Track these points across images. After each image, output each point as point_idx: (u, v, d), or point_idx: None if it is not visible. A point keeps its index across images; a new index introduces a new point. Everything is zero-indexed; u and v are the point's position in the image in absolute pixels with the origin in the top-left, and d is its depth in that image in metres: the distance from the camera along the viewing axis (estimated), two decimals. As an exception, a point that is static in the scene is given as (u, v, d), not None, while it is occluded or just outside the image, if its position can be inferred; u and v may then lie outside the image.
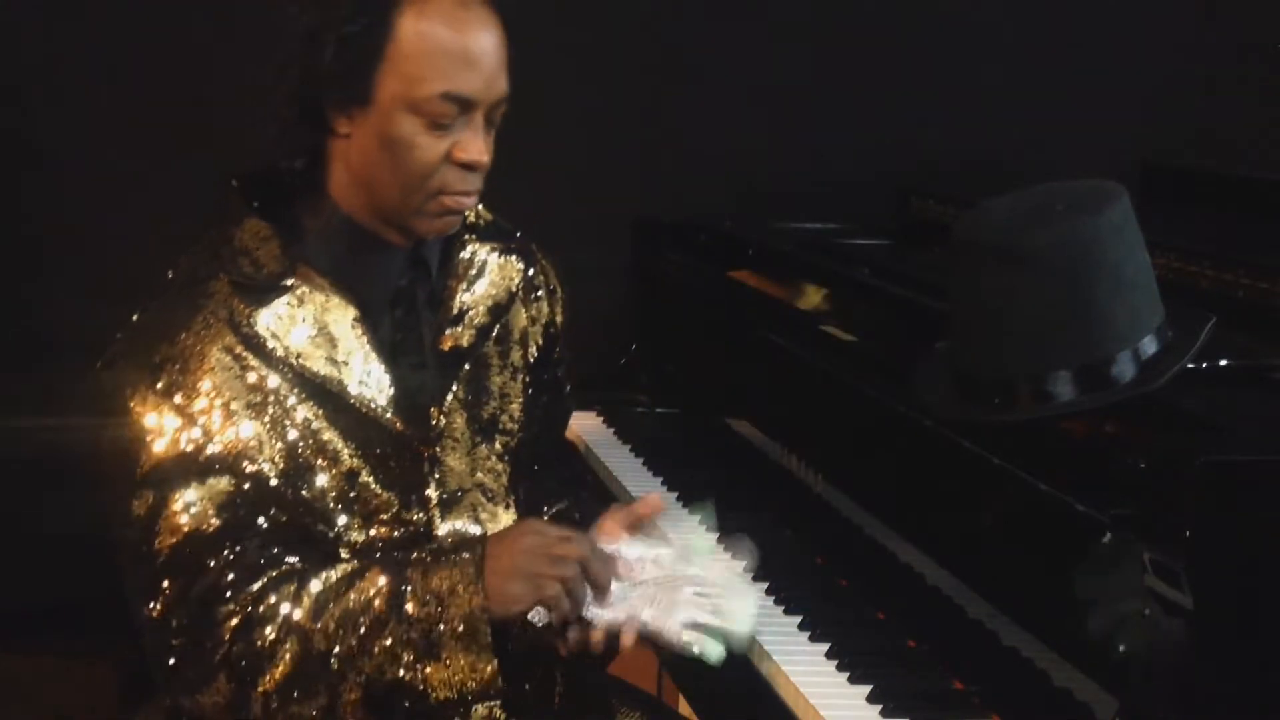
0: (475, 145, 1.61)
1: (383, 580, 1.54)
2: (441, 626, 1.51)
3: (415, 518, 1.68)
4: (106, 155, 2.99)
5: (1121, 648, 1.41)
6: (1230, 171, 2.78)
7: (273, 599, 1.54)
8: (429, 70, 1.57)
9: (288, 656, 1.52)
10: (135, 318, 1.66)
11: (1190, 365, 1.53)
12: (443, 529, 1.70)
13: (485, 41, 1.60)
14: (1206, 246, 2.12)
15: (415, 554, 1.61)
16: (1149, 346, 1.53)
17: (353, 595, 1.54)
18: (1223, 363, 1.62)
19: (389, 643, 1.52)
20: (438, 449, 1.71)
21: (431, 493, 1.70)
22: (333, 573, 1.57)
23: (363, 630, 1.52)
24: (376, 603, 1.53)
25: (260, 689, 1.53)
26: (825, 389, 2.12)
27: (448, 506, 1.71)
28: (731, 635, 1.58)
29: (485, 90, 1.60)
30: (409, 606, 1.52)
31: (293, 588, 1.55)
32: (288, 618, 1.53)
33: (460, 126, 1.61)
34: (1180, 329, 1.56)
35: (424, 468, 1.69)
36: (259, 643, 1.53)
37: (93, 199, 3.00)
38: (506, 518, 1.78)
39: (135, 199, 2.95)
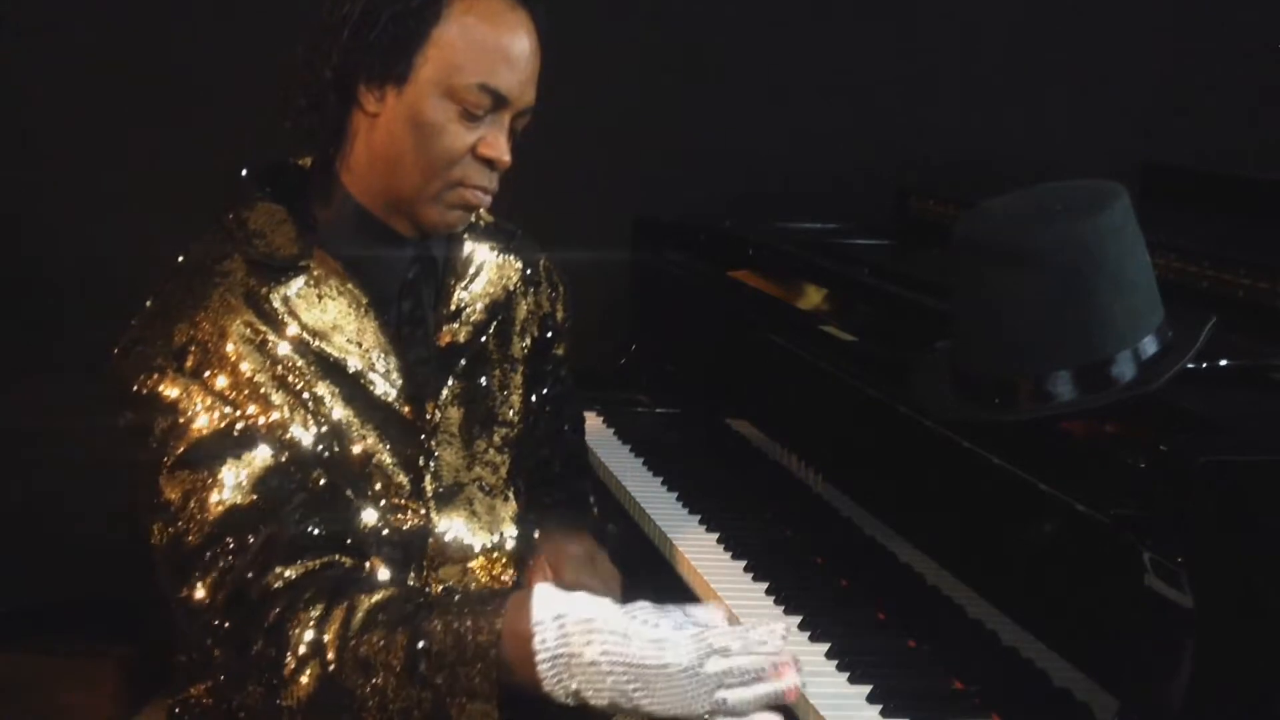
0: (500, 143, 1.65)
1: (401, 635, 1.52)
2: (450, 699, 1.50)
3: (416, 507, 1.69)
4: (108, 152, 3.00)
5: (1121, 648, 1.41)
6: (1230, 171, 2.78)
7: (307, 612, 1.53)
8: (469, 60, 1.62)
9: (311, 677, 1.52)
10: (149, 303, 1.66)
11: (1190, 365, 1.53)
12: (440, 524, 1.71)
13: (526, 46, 1.65)
14: (1206, 246, 2.12)
15: (438, 593, 1.60)
16: (1149, 346, 1.53)
17: (377, 636, 1.51)
18: (1223, 363, 1.62)
19: (403, 701, 1.51)
20: (433, 443, 1.72)
21: (427, 486, 1.70)
22: (363, 598, 1.55)
23: (378, 682, 1.51)
24: (397, 665, 1.51)
25: (285, 704, 1.52)
26: (825, 389, 2.12)
27: (443, 500, 1.72)
28: None
29: (519, 92, 1.65)
30: (423, 668, 1.50)
31: (323, 607, 1.53)
32: (314, 642, 1.52)
33: (489, 123, 1.65)
34: (1180, 329, 1.56)
35: (420, 461, 1.70)
36: (286, 663, 1.51)
37: (95, 196, 3.01)
38: (505, 511, 1.78)
39: (139, 194, 2.95)
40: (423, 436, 1.71)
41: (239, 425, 1.58)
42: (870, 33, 3.29)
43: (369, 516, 1.65)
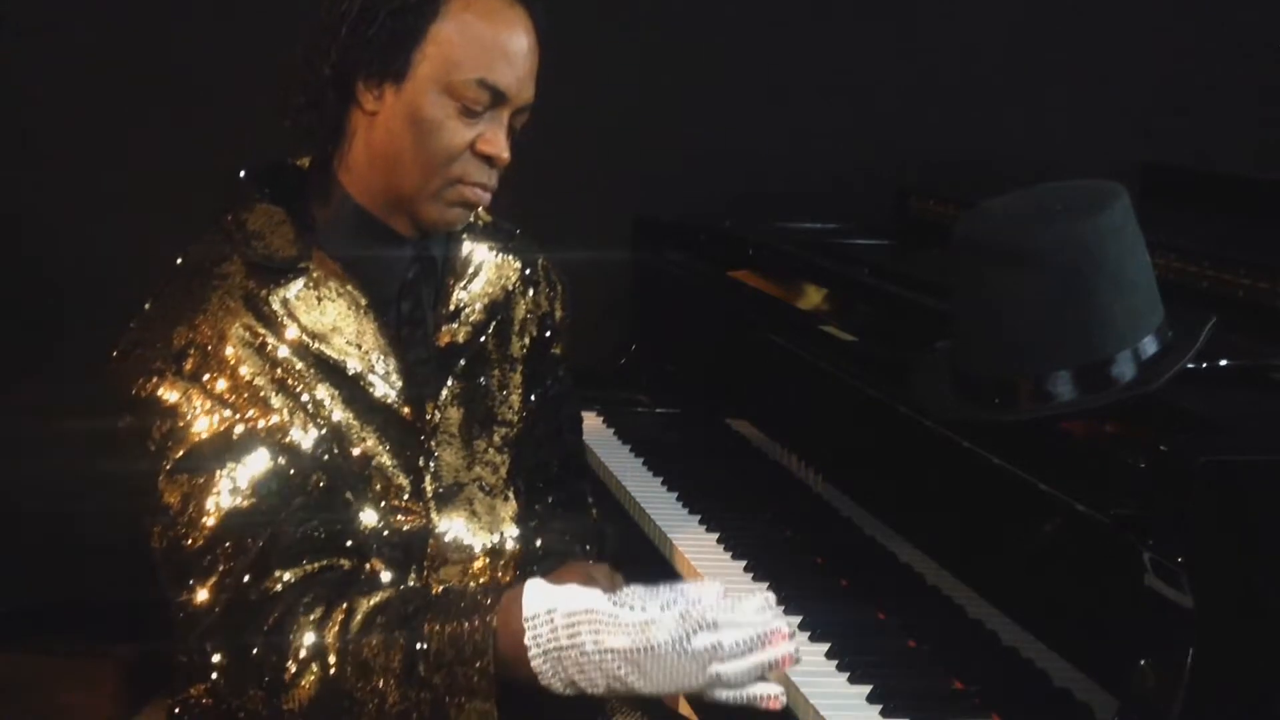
0: (499, 140, 1.66)
1: (399, 637, 1.52)
2: (448, 699, 1.50)
3: (417, 509, 1.69)
4: (108, 152, 3.00)
5: (1121, 648, 1.41)
6: (1230, 171, 2.78)
7: (307, 615, 1.53)
8: (467, 56, 1.62)
9: (313, 680, 1.52)
10: (148, 305, 1.66)
11: (1190, 365, 1.53)
12: (440, 525, 1.71)
13: (524, 43, 1.66)
14: (1206, 246, 2.12)
15: (435, 593, 1.60)
16: (1149, 346, 1.53)
17: (375, 639, 1.52)
18: (1223, 363, 1.62)
19: (402, 703, 1.51)
20: (432, 443, 1.72)
21: (427, 487, 1.70)
22: (362, 600, 1.55)
23: (378, 684, 1.51)
24: (395, 667, 1.51)
25: (287, 708, 1.53)
26: (825, 389, 2.12)
27: (444, 500, 1.72)
28: None
29: (517, 88, 1.65)
30: (421, 669, 1.51)
31: (322, 610, 1.54)
32: (314, 646, 1.52)
33: (488, 120, 1.65)
34: (1180, 329, 1.56)
35: (420, 461, 1.70)
36: (287, 667, 1.52)
37: (95, 196, 3.01)
38: (505, 510, 1.78)
39: (139, 194, 2.96)
40: (422, 437, 1.71)
41: (238, 429, 1.58)
42: (870, 33, 3.29)
43: (369, 518, 1.65)
